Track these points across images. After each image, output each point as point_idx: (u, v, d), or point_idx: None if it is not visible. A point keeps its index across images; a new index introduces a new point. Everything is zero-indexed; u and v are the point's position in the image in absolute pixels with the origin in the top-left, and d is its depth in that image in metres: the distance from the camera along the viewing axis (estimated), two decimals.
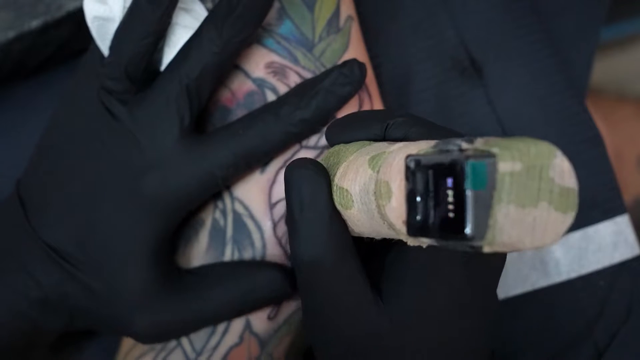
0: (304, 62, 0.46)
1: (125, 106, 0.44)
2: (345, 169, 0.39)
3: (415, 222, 0.33)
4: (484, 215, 0.31)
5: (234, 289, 0.45)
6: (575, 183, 0.32)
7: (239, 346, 0.46)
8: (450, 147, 0.32)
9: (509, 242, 0.31)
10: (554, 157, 0.32)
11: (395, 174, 0.35)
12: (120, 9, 0.44)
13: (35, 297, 0.44)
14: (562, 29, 0.62)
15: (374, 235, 0.39)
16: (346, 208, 0.38)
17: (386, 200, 0.35)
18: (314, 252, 0.39)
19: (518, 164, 0.31)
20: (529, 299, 0.55)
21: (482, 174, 0.31)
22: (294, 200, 0.39)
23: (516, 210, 0.31)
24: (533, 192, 0.31)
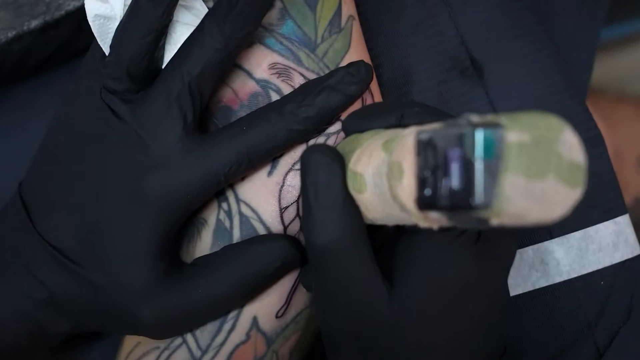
0: (308, 62, 0.46)
1: (127, 105, 0.43)
2: (359, 155, 0.39)
3: (425, 196, 0.34)
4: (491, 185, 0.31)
5: (242, 265, 0.44)
6: (584, 159, 0.32)
7: (246, 344, 0.46)
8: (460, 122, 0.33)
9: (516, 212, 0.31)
10: (563, 131, 0.32)
11: (407, 153, 0.35)
12: (121, 7, 0.44)
13: (40, 298, 0.44)
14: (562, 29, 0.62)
15: (387, 221, 0.39)
16: (360, 192, 0.39)
17: (398, 180, 0.35)
18: (326, 235, 0.39)
19: (526, 135, 0.31)
20: (530, 299, 0.55)
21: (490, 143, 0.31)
22: (309, 184, 0.40)
23: (524, 181, 0.31)
24: (541, 164, 0.31)
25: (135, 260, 0.43)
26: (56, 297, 0.44)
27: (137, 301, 0.44)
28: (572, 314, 0.55)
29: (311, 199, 0.40)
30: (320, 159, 0.40)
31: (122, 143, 0.43)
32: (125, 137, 0.43)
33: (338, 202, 0.39)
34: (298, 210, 0.46)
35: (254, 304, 0.46)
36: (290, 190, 0.45)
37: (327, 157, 0.40)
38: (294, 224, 0.46)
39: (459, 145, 0.32)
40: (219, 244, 0.46)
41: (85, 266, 0.44)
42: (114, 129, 0.44)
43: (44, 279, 0.44)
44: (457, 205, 0.32)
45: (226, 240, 0.46)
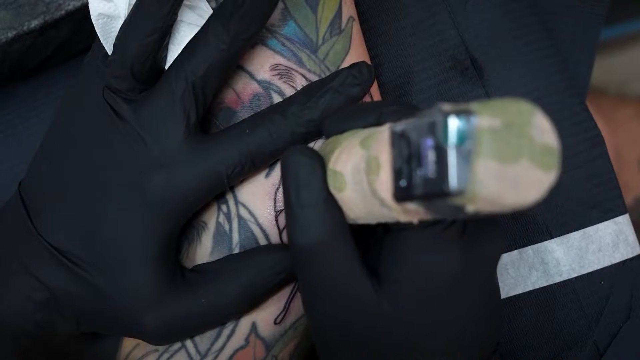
0: (309, 64, 0.46)
1: (130, 105, 0.43)
2: (339, 154, 0.39)
3: (400, 187, 0.34)
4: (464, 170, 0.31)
5: (243, 276, 0.44)
6: (557, 142, 0.32)
7: (245, 349, 0.46)
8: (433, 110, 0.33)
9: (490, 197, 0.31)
10: (534, 115, 0.32)
11: (383, 146, 0.35)
12: (125, 7, 0.44)
13: (41, 299, 0.44)
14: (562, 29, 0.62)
15: (369, 220, 0.39)
16: (340, 190, 0.39)
17: (376, 175, 0.36)
18: (309, 235, 0.39)
19: (497, 120, 0.31)
20: (530, 299, 0.55)
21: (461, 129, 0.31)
22: (290, 184, 0.40)
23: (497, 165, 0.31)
24: (513, 149, 0.31)
25: (137, 264, 0.43)
26: (56, 297, 0.44)
27: (139, 308, 0.44)
28: (572, 314, 0.55)
29: (292, 199, 0.40)
30: (300, 160, 0.40)
31: (124, 143, 0.43)
32: (126, 137, 0.43)
33: (319, 201, 0.39)
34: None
35: (253, 310, 0.46)
36: None
37: (307, 157, 0.40)
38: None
39: (431, 134, 0.32)
40: (219, 248, 0.46)
41: (85, 268, 0.44)
42: (115, 129, 0.44)
43: (44, 279, 0.44)
44: (432, 193, 0.32)
45: (226, 244, 0.46)
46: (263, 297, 0.45)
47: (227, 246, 0.46)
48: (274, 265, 0.44)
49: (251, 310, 0.45)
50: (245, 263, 0.44)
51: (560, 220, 0.55)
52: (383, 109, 0.40)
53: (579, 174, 0.56)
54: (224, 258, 0.45)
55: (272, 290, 0.45)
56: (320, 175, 0.40)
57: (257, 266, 0.44)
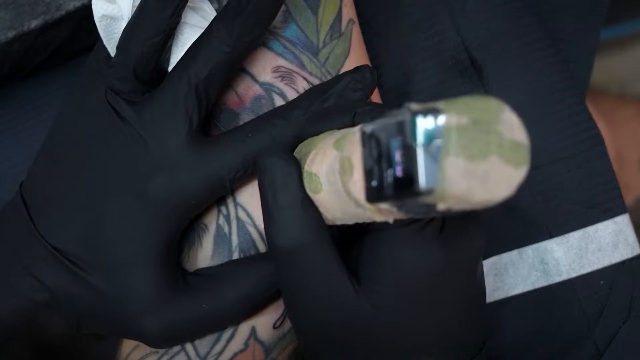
0: (310, 67, 0.46)
1: (132, 107, 0.43)
2: (314, 156, 0.39)
3: (372, 187, 0.34)
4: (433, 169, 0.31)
5: (244, 283, 0.44)
6: (526, 138, 0.32)
7: (244, 352, 0.46)
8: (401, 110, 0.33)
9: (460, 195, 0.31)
10: (502, 111, 0.32)
11: (355, 147, 0.35)
12: (129, 8, 0.44)
13: (41, 300, 0.44)
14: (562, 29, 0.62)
15: (346, 220, 0.39)
16: (316, 192, 0.39)
17: (349, 175, 0.36)
18: (287, 238, 0.39)
19: (464, 117, 0.31)
20: (529, 299, 0.55)
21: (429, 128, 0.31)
22: (267, 187, 0.40)
23: (465, 162, 0.31)
24: (482, 145, 0.31)
25: (138, 266, 0.43)
26: (56, 298, 0.44)
27: (139, 311, 0.44)
28: (572, 313, 0.55)
29: (270, 201, 0.39)
30: (275, 162, 0.40)
31: (126, 145, 0.43)
32: (128, 138, 0.43)
33: (297, 203, 0.39)
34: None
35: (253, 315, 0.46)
36: None
37: (282, 159, 0.40)
38: None
39: (400, 134, 0.32)
40: (219, 251, 0.46)
41: (86, 269, 0.44)
42: (117, 131, 0.44)
43: (45, 280, 0.44)
44: (402, 193, 0.32)
45: (226, 247, 0.46)
46: (263, 303, 0.45)
47: (227, 249, 0.46)
48: (275, 272, 0.44)
49: (251, 316, 0.46)
50: (247, 269, 0.44)
51: (560, 220, 0.55)
52: (358, 109, 0.40)
53: (579, 174, 0.56)
54: (225, 263, 0.45)
55: (272, 297, 0.45)
56: (296, 177, 0.39)
57: (259, 273, 0.44)
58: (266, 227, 0.40)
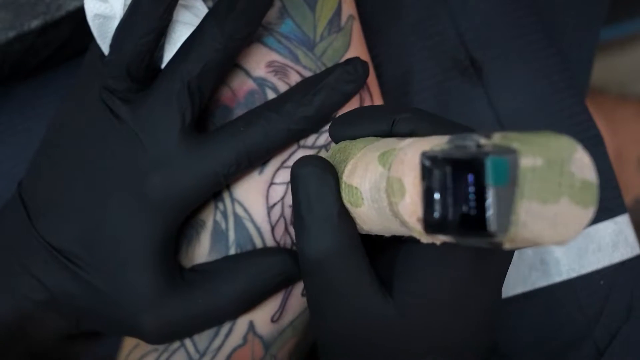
0: (305, 61, 0.46)
1: (127, 105, 0.43)
2: (353, 166, 0.39)
3: (433, 219, 0.33)
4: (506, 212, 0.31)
5: (241, 278, 0.44)
6: (596, 177, 0.32)
7: (243, 347, 0.46)
8: (468, 142, 0.32)
9: (530, 237, 0.31)
10: (575, 151, 0.31)
11: (408, 170, 0.35)
12: (121, 7, 0.44)
13: (40, 299, 0.44)
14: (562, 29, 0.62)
15: (384, 233, 0.39)
16: (356, 206, 0.38)
17: (399, 198, 0.35)
18: (320, 250, 0.39)
19: (539, 159, 0.31)
20: (529, 299, 0.55)
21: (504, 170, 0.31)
22: (302, 198, 0.39)
23: (538, 205, 0.31)
24: (554, 187, 0.31)
25: (136, 264, 0.43)
26: (55, 297, 0.44)
27: (138, 308, 0.44)
28: (572, 313, 0.55)
29: (304, 211, 0.39)
30: (311, 172, 0.39)
31: (121, 143, 0.43)
32: (124, 137, 0.43)
33: (332, 215, 0.39)
34: (282, 211, 0.45)
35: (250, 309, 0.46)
36: (276, 189, 0.45)
37: (319, 169, 0.39)
38: (279, 225, 0.46)
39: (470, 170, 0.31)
40: (217, 247, 0.46)
41: (85, 268, 0.44)
42: (113, 129, 0.44)
43: (43, 279, 0.44)
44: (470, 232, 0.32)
45: (223, 243, 0.46)
46: (260, 298, 0.45)
47: (224, 245, 0.46)
48: (271, 268, 0.44)
49: (248, 311, 0.46)
50: (244, 264, 0.44)
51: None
52: (396, 116, 0.39)
53: None
54: (222, 259, 0.45)
55: (269, 292, 0.45)
56: (333, 188, 0.39)
57: (256, 268, 0.44)
58: (297, 235, 0.40)
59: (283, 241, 0.46)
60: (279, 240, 0.46)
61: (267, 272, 0.44)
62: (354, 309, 0.39)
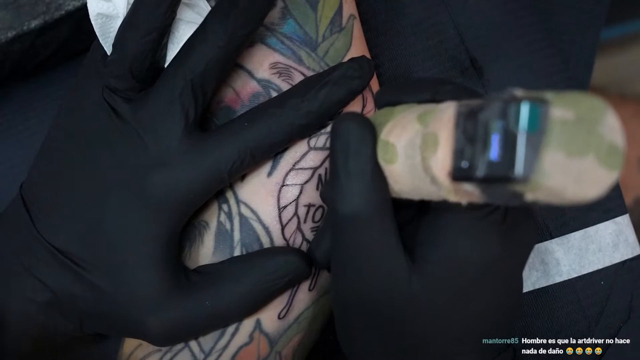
0: (308, 61, 0.46)
1: (129, 104, 0.43)
2: (392, 126, 0.39)
3: (461, 167, 0.34)
4: (532, 158, 0.31)
5: (248, 280, 0.44)
6: (624, 143, 0.32)
7: (249, 345, 0.46)
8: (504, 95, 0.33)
9: (553, 188, 0.31)
10: (606, 113, 0.32)
11: (444, 124, 0.35)
12: (124, 6, 0.44)
13: (43, 301, 0.44)
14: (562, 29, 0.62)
15: (413, 195, 0.39)
16: (389, 163, 0.39)
17: (432, 152, 0.35)
18: (351, 205, 0.39)
19: (570, 112, 0.31)
20: (529, 299, 0.55)
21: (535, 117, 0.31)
22: (339, 151, 0.40)
23: (564, 157, 0.31)
24: (582, 143, 0.31)
25: (140, 264, 0.43)
26: (58, 299, 0.44)
27: (143, 310, 0.44)
28: (572, 314, 0.55)
29: (340, 166, 0.39)
30: (351, 127, 0.39)
31: (124, 143, 0.43)
32: (126, 136, 0.43)
33: (367, 171, 0.39)
34: (296, 210, 0.45)
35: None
36: (289, 190, 0.45)
37: (359, 125, 0.39)
38: (291, 224, 0.46)
39: (501, 118, 0.32)
40: (221, 247, 0.46)
41: (88, 269, 0.44)
42: (115, 129, 0.44)
43: (46, 280, 0.44)
44: (495, 177, 0.32)
45: (227, 243, 0.46)
46: (268, 300, 0.45)
47: (228, 245, 0.46)
48: (278, 268, 0.44)
49: (254, 312, 0.45)
50: (250, 266, 0.44)
51: (560, 221, 0.55)
52: (439, 87, 0.40)
53: None
54: (227, 260, 0.45)
55: (277, 293, 0.45)
56: (370, 145, 0.39)
57: (262, 269, 0.44)
58: (332, 191, 0.40)
59: (293, 238, 0.46)
60: (288, 238, 0.46)
61: (274, 274, 0.44)
62: (375, 268, 0.40)
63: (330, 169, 0.40)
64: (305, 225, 0.46)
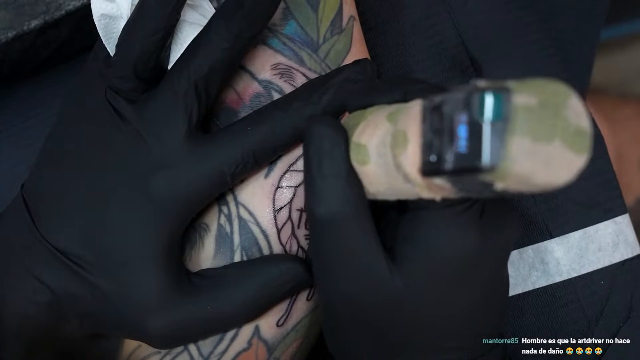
0: (310, 63, 0.46)
1: (132, 105, 0.43)
2: (363, 127, 0.39)
3: (430, 161, 0.34)
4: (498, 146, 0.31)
5: (251, 286, 0.44)
6: (590, 126, 0.32)
7: (247, 351, 0.46)
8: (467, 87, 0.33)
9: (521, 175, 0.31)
10: (569, 97, 0.32)
11: (412, 120, 0.35)
12: (128, 7, 0.44)
13: (44, 301, 0.44)
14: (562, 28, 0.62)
15: (389, 195, 0.39)
16: (363, 164, 0.39)
17: (402, 149, 0.36)
18: (328, 207, 0.39)
19: (533, 98, 0.31)
20: (529, 299, 0.55)
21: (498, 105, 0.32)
22: (312, 154, 0.40)
23: (530, 143, 0.31)
24: (547, 128, 0.31)
25: (142, 266, 0.43)
26: (59, 299, 0.44)
27: (144, 312, 0.43)
28: (572, 314, 0.55)
29: (314, 169, 0.40)
30: (323, 131, 0.40)
31: (126, 144, 0.43)
32: (129, 137, 0.43)
33: (341, 173, 0.39)
34: (290, 214, 0.45)
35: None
36: (284, 192, 0.45)
37: (331, 128, 0.40)
38: (286, 228, 0.45)
39: (465, 109, 0.32)
40: (221, 251, 0.45)
41: (89, 269, 0.44)
42: (118, 130, 0.44)
43: (47, 281, 0.44)
44: (463, 168, 0.32)
45: (227, 246, 0.46)
46: (268, 306, 0.45)
47: (228, 248, 0.45)
48: (281, 276, 0.44)
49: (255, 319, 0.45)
50: (253, 272, 0.44)
51: (560, 220, 0.55)
52: (409, 87, 0.40)
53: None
54: (230, 265, 0.45)
55: (278, 300, 0.45)
56: (343, 147, 0.39)
57: (266, 276, 0.44)
58: (307, 194, 0.40)
59: (289, 245, 0.46)
60: (285, 243, 0.46)
61: (276, 280, 0.44)
62: (356, 269, 0.40)
63: (304, 174, 0.40)
64: (299, 231, 0.46)
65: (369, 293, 0.40)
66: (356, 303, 0.40)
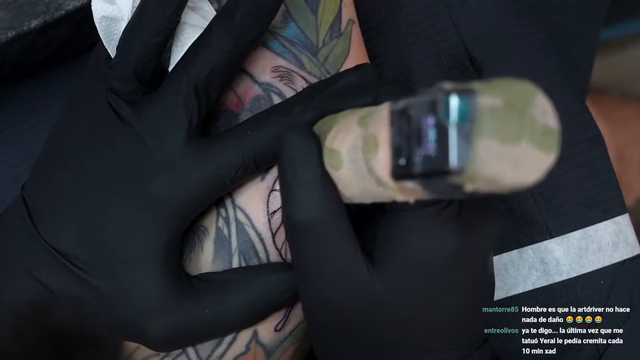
0: (310, 66, 0.46)
1: (132, 107, 0.43)
2: (336, 132, 0.39)
3: (399, 165, 0.34)
4: (465, 149, 0.31)
5: (250, 293, 0.44)
6: (557, 124, 0.32)
7: (245, 355, 0.46)
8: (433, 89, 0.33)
9: (490, 176, 0.31)
10: (536, 95, 0.32)
11: (381, 124, 0.35)
12: (128, 9, 0.44)
13: (43, 302, 0.44)
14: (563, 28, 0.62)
15: (364, 199, 0.39)
16: (336, 169, 0.39)
17: (373, 153, 0.36)
18: (305, 213, 0.39)
19: (498, 99, 0.31)
20: (529, 299, 0.55)
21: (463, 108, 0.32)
22: (286, 162, 0.40)
23: (497, 144, 0.31)
24: (514, 129, 0.31)
25: (142, 268, 0.43)
26: (59, 301, 0.44)
27: (144, 315, 0.43)
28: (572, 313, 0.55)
29: (289, 176, 0.40)
30: (295, 138, 0.40)
31: (127, 146, 0.43)
32: (129, 139, 0.43)
33: (316, 179, 0.39)
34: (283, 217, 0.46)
35: None
36: (277, 196, 0.45)
37: (303, 135, 0.40)
38: (280, 232, 0.45)
39: (432, 112, 0.32)
40: (220, 254, 0.45)
41: (88, 271, 0.44)
42: (118, 132, 0.44)
43: (47, 282, 0.44)
44: (431, 171, 0.33)
45: (226, 250, 0.45)
46: (267, 313, 0.45)
47: (227, 252, 0.45)
48: (280, 283, 0.44)
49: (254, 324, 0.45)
50: (254, 278, 0.44)
51: (560, 220, 0.55)
52: (381, 89, 0.40)
53: (579, 174, 0.56)
54: (231, 270, 0.45)
55: (277, 307, 0.45)
56: (315, 153, 0.40)
57: (265, 283, 0.44)
58: (284, 202, 0.40)
59: (284, 249, 0.46)
60: (279, 247, 0.46)
61: (276, 287, 0.44)
62: (337, 274, 0.40)
63: (280, 180, 0.41)
64: None
65: (349, 297, 0.40)
66: (337, 307, 0.41)
